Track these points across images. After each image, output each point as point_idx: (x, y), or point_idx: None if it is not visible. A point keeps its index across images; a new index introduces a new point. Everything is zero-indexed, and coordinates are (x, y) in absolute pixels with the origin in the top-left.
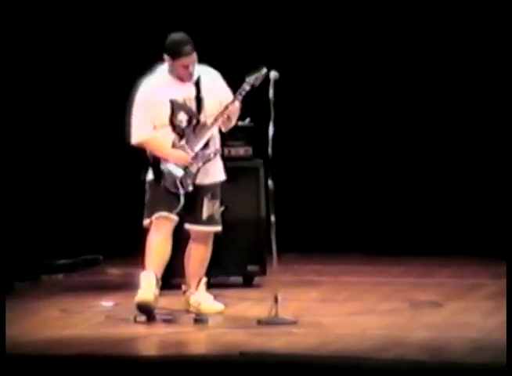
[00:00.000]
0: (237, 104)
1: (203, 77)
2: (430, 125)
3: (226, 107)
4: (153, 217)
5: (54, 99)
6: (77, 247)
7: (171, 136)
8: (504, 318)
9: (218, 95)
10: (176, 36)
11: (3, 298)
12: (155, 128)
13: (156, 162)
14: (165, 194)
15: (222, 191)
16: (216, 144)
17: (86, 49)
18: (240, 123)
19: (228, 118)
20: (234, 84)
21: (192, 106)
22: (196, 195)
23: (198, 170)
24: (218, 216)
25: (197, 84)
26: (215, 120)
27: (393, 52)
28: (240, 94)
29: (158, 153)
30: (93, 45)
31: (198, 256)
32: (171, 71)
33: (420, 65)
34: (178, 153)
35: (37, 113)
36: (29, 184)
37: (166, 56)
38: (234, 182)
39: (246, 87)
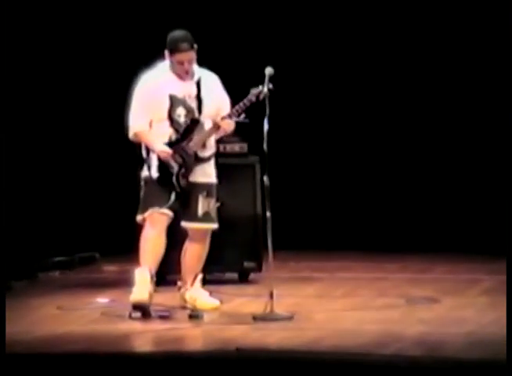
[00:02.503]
0: (233, 121)
1: (204, 79)
2: (428, 122)
3: (224, 117)
4: (147, 213)
5: (51, 97)
6: (73, 244)
7: (168, 131)
8: (500, 313)
9: (216, 99)
10: (176, 32)
11: (3, 297)
12: (151, 122)
13: (150, 157)
14: (159, 190)
15: (218, 188)
16: (212, 147)
17: (86, 47)
18: (235, 119)
19: (223, 128)
20: (232, 84)
21: (193, 104)
22: (192, 192)
23: (191, 168)
24: (213, 214)
25: (198, 84)
26: (213, 126)
27: (388, 47)
28: (241, 107)
29: (148, 146)
30: (93, 42)
31: (195, 253)
32: (172, 67)
33: (414, 62)
34: (164, 147)
35: (34, 111)
36: (25, 183)
37: (166, 51)
38: (230, 179)
39: (253, 98)
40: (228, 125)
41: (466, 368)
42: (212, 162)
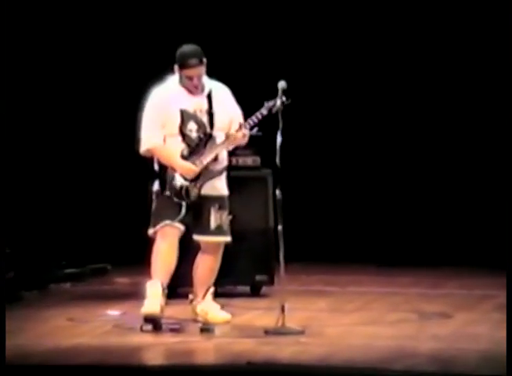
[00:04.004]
0: (246, 132)
1: (215, 91)
2: (442, 140)
3: (237, 130)
4: (158, 226)
5: (63, 109)
6: (84, 256)
7: (180, 146)
8: None
9: (228, 111)
10: (185, 47)
11: (3, 308)
12: (164, 137)
13: (162, 171)
14: (170, 204)
15: (230, 201)
16: (224, 160)
17: (97, 60)
18: (248, 132)
19: (236, 141)
20: (244, 97)
21: (204, 118)
22: (204, 206)
23: (203, 183)
24: (226, 226)
25: (209, 97)
26: (226, 139)
27: (402, 65)
28: (253, 120)
29: (166, 162)
30: (104, 55)
31: (207, 266)
32: (182, 82)
33: (429, 79)
34: (187, 164)
35: (46, 123)
36: (37, 194)
37: (175, 66)
38: (242, 192)
39: (264, 112)
40: (241, 138)
41: None
42: (223, 175)
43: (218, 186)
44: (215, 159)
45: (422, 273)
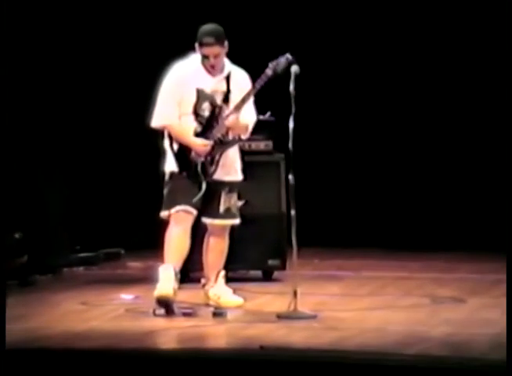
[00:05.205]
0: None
1: (234, 74)
2: (447, 123)
3: (248, 94)
4: (173, 210)
5: (72, 90)
6: (98, 240)
7: (193, 125)
8: None
9: (242, 94)
10: (205, 26)
11: (4, 293)
12: (180, 115)
13: (178, 151)
14: (186, 186)
15: (243, 185)
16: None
17: (112, 37)
18: (261, 117)
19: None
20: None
21: (219, 100)
22: (214, 189)
23: (219, 158)
24: (235, 209)
25: (227, 79)
26: (236, 108)
27: (412, 55)
28: (262, 80)
29: (179, 140)
30: (120, 33)
31: (216, 249)
32: (202, 61)
33: (436, 70)
34: (199, 140)
35: (57, 107)
36: (50, 178)
37: (196, 44)
38: (255, 177)
39: (269, 72)
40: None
41: (492, 369)
42: (235, 161)
43: (230, 173)
44: (227, 132)
45: (435, 258)
